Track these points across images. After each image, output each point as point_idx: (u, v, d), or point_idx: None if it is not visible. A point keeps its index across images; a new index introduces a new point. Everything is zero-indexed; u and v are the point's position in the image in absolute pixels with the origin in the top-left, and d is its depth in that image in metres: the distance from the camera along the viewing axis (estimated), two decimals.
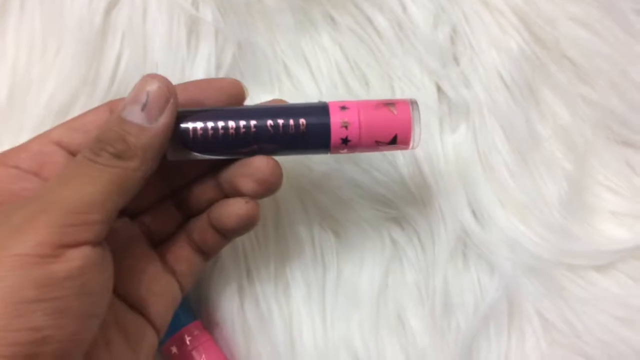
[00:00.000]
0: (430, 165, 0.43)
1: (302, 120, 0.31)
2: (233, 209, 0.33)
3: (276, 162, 0.32)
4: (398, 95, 0.43)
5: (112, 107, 0.32)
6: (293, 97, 0.42)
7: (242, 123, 0.31)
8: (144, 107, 0.29)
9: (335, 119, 0.32)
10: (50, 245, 0.25)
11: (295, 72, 0.43)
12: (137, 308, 0.32)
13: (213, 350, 0.41)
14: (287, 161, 0.42)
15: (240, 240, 0.42)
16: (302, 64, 0.43)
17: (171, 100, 0.29)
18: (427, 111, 0.43)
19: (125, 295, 0.32)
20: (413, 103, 0.33)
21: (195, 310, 0.43)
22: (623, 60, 0.43)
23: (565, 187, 0.43)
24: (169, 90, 0.29)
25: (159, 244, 0.35)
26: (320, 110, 0.32)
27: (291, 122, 0.31)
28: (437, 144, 0.43)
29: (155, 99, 0.29)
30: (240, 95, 0.34)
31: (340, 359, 0.41)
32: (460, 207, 0.42)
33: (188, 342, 0.40)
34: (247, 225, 0.33)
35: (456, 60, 0.44)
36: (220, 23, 0.42)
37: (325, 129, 0.32)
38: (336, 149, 0.32)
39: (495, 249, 0.42)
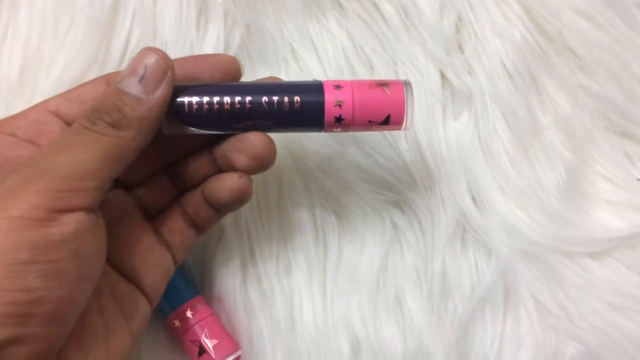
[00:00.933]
0: (432, 151, 0.43)
1: (296, 98, 0.32)
2: (227, 184, 0.33)
3: (270, 138, 0.33)
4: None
5: (108, 80, 0.33)
6: (299, 79, 0.42)
7: (237, 99, 0.32)
8: (141, 79, 0.29)
9: (330, 98, 0.32)
10: (44, 209, 0.25)
11: (302, 55, 0.44)
12: (131, 278, 0.33)
13: (215, 325, 0.41)
14: (292, 143, 0.43)
15: (244, 218, 0.42)
16: (309, 47, 0.44)
17: (168, 74, 0.30)
18: (430, 98, 0.43)
19: (119, 265, 0.32)
20: (407, 84, 0.33)
21: (199, 286, 0.43)
22: (624, 53, 0.44)
23: (564, 175, 0.43)
24: (166, 63, 0.30)
25: (153, 216, 0.36)
26: (315, 88, 0.32)
27: (286, 99, 0.32)
28: (439, 130, 0.44)
29: (152, 71, 0.29)
30: (237, 72, 0.34)
31: (339, 337, 0.42)
32: (460, 192, 0.43)
33: (191, 316, 0.41)
34: (240, 199, 0.34)
35: (460, 48, 0.44)
36: (230, 5, 0.42)
37: (319, 107, 0.32)
38: (330, 127, 0.33)
39: (493, 234, 0.43)
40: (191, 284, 0.43)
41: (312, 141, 0.43)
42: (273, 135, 0.33)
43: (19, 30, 0.42)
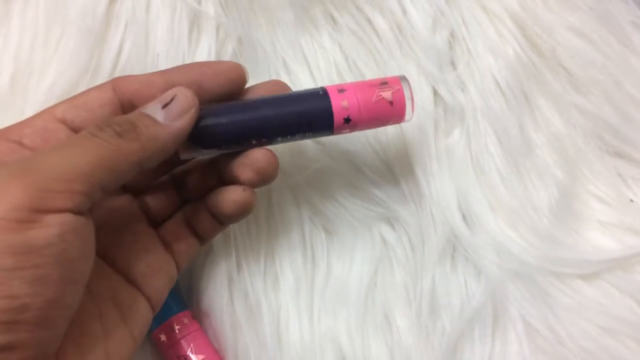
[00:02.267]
0: (423, 167, 0.43)
1: (305, 107, 0.33)
2: (231, 196, 0.34)
3: (273, 153, 0.34)
4: None
5: (115, 85, 0.32)
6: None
7: (250, 116, 0.33)
8: (164, 106, 0.30)
9: (336, 102, 0.33)
10: (27, 209, 0.24)
11: (294, 70, 0.44)
12: (135, 283, 0.33)
13: (201, 340, 0.41)
14: (282, 157, 0.42)
15: (233, 234, 0.42)
16: (301, 62, 0.44)
17: (192, 110, 0.30)
18: (422, 114, 0.43)
19: (124, 270, 0.32)
20: (403, 79, 0.35)
21: (186, 300, 0.43)
22: (618, 72, 0.44)
23: (556, 194, 0.43)
24: (193, 101, 0.31)
25: (159, 224, 0.36)
26: (321, 95, 0.34)
27: (296, 110, 0.33)
28: (430, 146, 0.43)
29: (178, 102, 0.30)
30: (242, 79, 0.34)
31: (325, 354, 0.42)
32: (451, 210, 0.43)
33: (177, 331, 0.40)
34: (243, 211, 0.34)
35: (453, 64, 0.44)
36: (222, 17, 0.42)
37: (328, 112, 0.33)
38: (339, 130, 0.34)
39: (483, 253, 0.42)
40: (178, 297, 0.43)
41: (302, 156, 0.42)
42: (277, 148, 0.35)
43: (10, 40, 0.42)
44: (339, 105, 0.33)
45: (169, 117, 0.30)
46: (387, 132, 0.43)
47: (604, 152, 0.45)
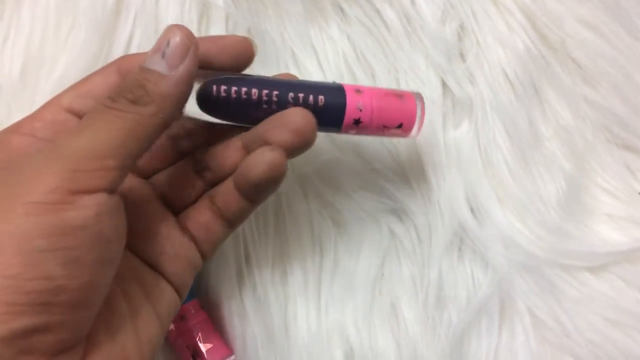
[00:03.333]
0: (431, 160, 0.43)
1: (320, 97, 0.32)
2: (259, 158, 0.31)
3: (311, 114, 0.32)
4: (403, 89, 0.43)
5: (119, 67, 0.32)
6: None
7: (265, 92, 0.32)
8: (164, 55, 0.28)
9: (351, 101, 0.33)
10: (63, 191, 0.24)
11: (302, 61, 0.43)
12: (152, 266, 0.32)
13: (209, 329, 0.41)
14: None
15: (241, 226, 0.42)
16: (310, 53, 0.44)
17: (191, 49, 0.29)
18: (431, 106, 0.43)
19: (139, 253, 0.32)
20: (418, 97, 0.35)
21: (194, 290, 0.43)
22: (628, 64, 0.43)
23: (564, 187, 0.43)
24: (189, 39, 0.29)
25: (180, 210, 0.35)
26: (337, 91, 0.33)
27: (310, 97, 0.32)
28: (439, 138, 0.43)
29: (176, 46, 0.28)
30: (249, 53, 0.33)
31: (332, 345, 0.42)
32: (459, 202, 0.43)
33: (185, 320, 0.41)
34: (274, 175, 0.32)
35: (462, 56, 0.44)
36: (231, 8, 0.42)
37: (341, 108, 0.33)
38: (346, 129, 0.34)
39: (491, 245, 0.42)
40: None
41: (311, 148, 0.42)
42: None
43: (21, 30, 0.42)
44: (354, 105, 0.33)
45: (171, 64, 0.28)
46: None
47: (613, 145, 0.45)
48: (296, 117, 0.31)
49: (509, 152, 0.43)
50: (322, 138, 0.43)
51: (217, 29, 0.43)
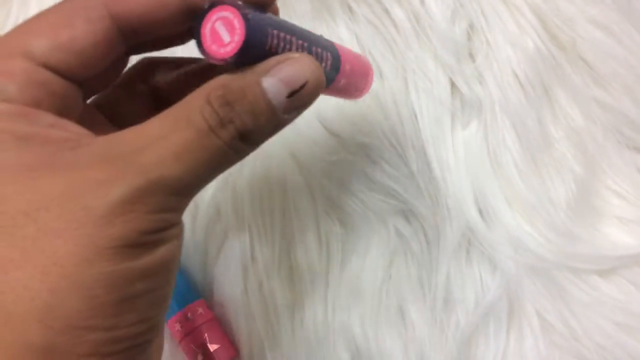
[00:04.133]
0: (440, 160, 0.42)
1: (327, 54, 0.28)
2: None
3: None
4: (412, 89, 0.43)
5: (109, 7, 0.24)
6: None
7: (303, 45, 0.26)
8: (291, 95, 0.24)
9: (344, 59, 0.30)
10: (145, 232, 0.21)
11: None
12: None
13: (216, 329, 0.42)
14: (298, 149, 0.42)
15: (247, 225, 0.42)
16: None
17: (314, 101, 0.25)
18: (439, 106, 0.43)
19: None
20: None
21: (201, 289, 0.43)
22: (639, 65, 0.43)
23: (574, 189, 0.43)
24: (319, 89, 0.25)
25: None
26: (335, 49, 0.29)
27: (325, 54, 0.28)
28: (447, 139, 0.43)
29: (307, 94, 0.24)
30: None
31: (339, 346, 0.42)
32: (467, 203, 0.42)
33: (192, 320, 0.41)
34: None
35: (472, 56, 0.44)
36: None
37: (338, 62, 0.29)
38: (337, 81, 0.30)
39: (499, 248, 0.42)
40: (193, 287, 0.43)
41: (319, 148, 0.42)
42: (275, 138, 0.31)
43: None
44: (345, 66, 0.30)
45: (290, 108, 0.24)
46: (404, 125, 0.43)
47: (624, 147, 0.44)
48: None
49: (518, 153, 0.42)
50: (330, 139, 0.43)
51: None
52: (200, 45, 0.23)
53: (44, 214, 0.20)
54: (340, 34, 0.44)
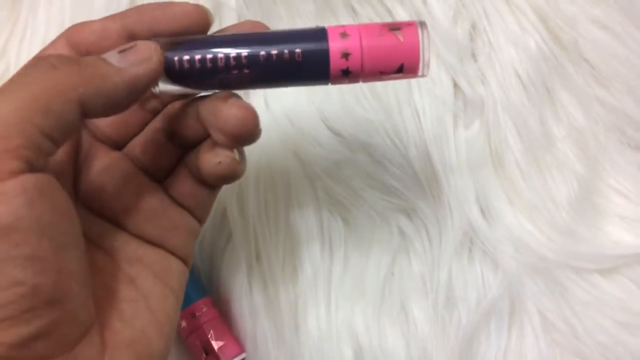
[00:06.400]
0: (442, 160, 0.43)
1: (297, 50, 0.27)
2: (209, 165, 0.29)
3: (248, 112, 0.28)
4: (414, 89, 0.43)
5: (68, 38, 0.28)
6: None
7: (233, 53, 0.27)
8: (121, 51, 0.26)
9: (335, 48, 0.28)
10: None
11: None
12: (153, 243, 0.30)
13: (221, 327, 0.42)
14: (301, 148, 0.43)
15: (252, 223, 0.43)
16: None
17: (153, 59, 0.26)
18: (442, 106, 0.43)
19: (138, 233, 0.30)
20: (422, 25, 0.28)
21: (206, 287, 0.44)
22: None
23: (576, 188, 0.43)
24: (155, 50, 0.26)
25: (162, 179, 0.32)
26: (318, 37, 0.28)
27: (286, 52, 0.27)
28: (450, 138, 0.43)
29: (136, 50, 0.26)
30: (204, 22, 0.29)
31: (342, 343, 0.42)
32: (469, 202, 0.43)
33: (197, 318, 0.41)
34: (230, 173, 0.30)
35: (474, 56, 0.44)
36: (243, 9, 0.43)
37: (324, 59, 0.28)
38: (337, 80, 0.29)
39: (501, 247, 0.42)
40: (199, 284, 0.43)
41: (321, 147, 0.43)
42: (279, 137, 0.32)
43: (37, 31, 0.43)
44: (339, 52, 0.28)
45: (124, 61, 0.25)
46: (406, 125, 0.43)
47: (626, 146, 0.44)
48: (229, 120, 0.28)
49: (520, 152, 0.43)
50: (333, 138, 0.43)
51: None
52: None
53: None
54: None
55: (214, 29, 0.30)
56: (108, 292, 0.27)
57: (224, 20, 0.43)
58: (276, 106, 0.43)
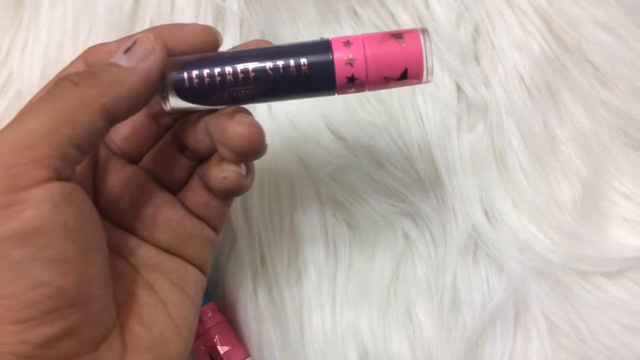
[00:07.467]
0: (446, 163, 0.43)
1: (303, 61, 0.29)
2: (216, 179, 0.30)
3: (254, 128, 0.29)
4: (418, 92, 0.43)
5: (86, 59, 0.30)
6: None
7: (240, 68, 0.29)
8: (126, 51, 0.27)
9: (339, 56, 0.29)
10: (5, 192, 0.23)
11: None
12: (170, 252, 0.31)
13: (227, 331, 0.42)
14: (305, 152, 0.43)
15: (257, 228, 0.43)
16: None
17: (157, 50, 0.28)
18: (445, 109, 0.43)
19: (155, 242, 0.31)
20: (424, 32, 0.29)
21: (212, 292, 0.44)
22: None
23: (580, 191, 0.43)
24: (157, 41, 0.28)
25: (176, 190, 0.33)
26: (322, 48, 0.29)
27: (292, 63, 0.29)
28: (453, 142, 0.43)
29: (140, 44, 0.27)
30: (214, 43, 0.30)
31: (347, 347, 0.42)
32: (473, 206, 0.43)
33: (203, 323, 0.41)
34: (237, 187, 0.30)
35: (477, 59, 0.44)
36: (246, 13, 0.43)
37: (329, 68, 0.29)
38: (343, 89, 0.29)
39: (506, 250, 0.42)
40: (204, 290, 0.43)
41: (325, 152, 0.43)
42: (282, 142, 0.33)
43: (39, 36, 0.43)
44: (343, 60, 0.28)
45: (132, 59, 0.27)
46: (410, 128, 0.43)
47: (630, 148, 0.44)
48: (235, 138, 0.29)
49: (524, 155, 0.43)
50: (337, 142, 0.43)
51: (231, 34, 0.43)
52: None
53: None
54: None
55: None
56: (128, 297, 0.28)
57: (227, 25, 0.43)
58: (279, 111, 0.43)
